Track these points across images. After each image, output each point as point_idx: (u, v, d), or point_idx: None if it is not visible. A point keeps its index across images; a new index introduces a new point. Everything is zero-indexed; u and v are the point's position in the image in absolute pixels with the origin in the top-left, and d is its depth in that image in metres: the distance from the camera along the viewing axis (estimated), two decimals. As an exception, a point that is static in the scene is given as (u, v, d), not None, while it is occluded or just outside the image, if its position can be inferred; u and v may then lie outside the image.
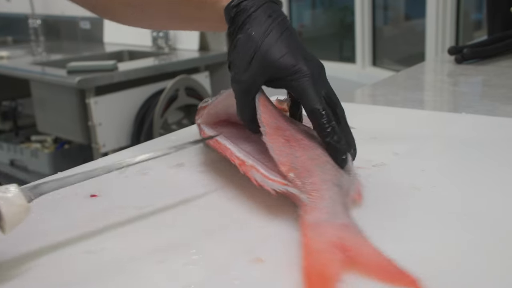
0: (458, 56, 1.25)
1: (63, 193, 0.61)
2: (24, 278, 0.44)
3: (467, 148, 0.68)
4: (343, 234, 0.45)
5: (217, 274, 0.43)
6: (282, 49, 0.56)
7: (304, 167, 0.52)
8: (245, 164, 0.56)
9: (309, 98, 0.55)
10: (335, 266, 0.42)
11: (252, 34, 0.57)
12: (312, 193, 0.49)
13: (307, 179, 0.51)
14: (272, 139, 0.55)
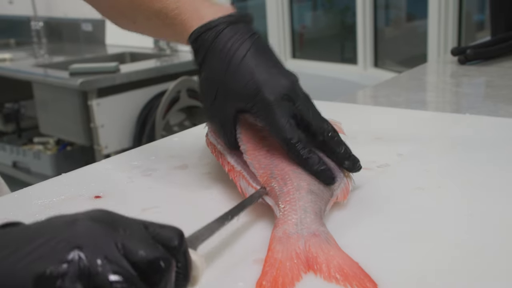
0: (461, 57, 1.24)
1: (68, 194, 0.61)
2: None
3: (471, 148, 0.68)
4: (309, 243, 0.45)
5: (221, 275, 0.43)
6: (242, 79, 0.54)
7: (282, 175, 0.53)
8: (234, 170, 0.57)
9: (276, 128, 0.53)
10: (292, 275, 0.42)
11: (212, 71, 0.55)
12: (284, 205, 0.49)
13: (283, 188, 0.51)
14: (252, 155, 0.56)
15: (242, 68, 0.54)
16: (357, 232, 0.49)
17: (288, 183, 0.52)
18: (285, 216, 0.48)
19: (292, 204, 0.49)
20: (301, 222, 0.47)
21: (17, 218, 0.55)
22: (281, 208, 0.49)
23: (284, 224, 0.47)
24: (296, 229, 0.46)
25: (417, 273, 0.42)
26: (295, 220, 0.47)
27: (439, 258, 0.44)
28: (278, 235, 0.46)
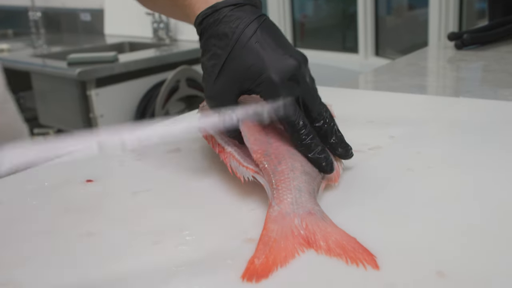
0: (458, 42, 1.24)
1: (59, 178, 0.61)
2: (21, 262, 0.44)
3: (464, 131, 0.68)
4: (305, 221, 0.45)
5: (210, 254, 0.43)
6: (248, 59, 0.52)
7: (276, 153, 0.53)
8: (224, 151, 0.57)
9: (281, 110, 0.52)
10: (285, 253, 0.42)
11: (216, 51, 0.54)
12: (279, 185, 0.49)
13: (277, 167, 0.51)
14: (248, 127, 0.55)
15: (248, 49, 0.53)
16: (349, 212, 0.49)
17: (283, 162, 0.52)
18: (279, 196, 0.48)
19: (286, 183, 0.49)
20: (296, 202, 0.47)
21: (8, 202, 0.56)
22: (275, 187, 0.49)
23: (279, 204, 0.47)
24: (292, 208, 0.47)
25: (410, 249, 0.42)
26: (290, 200, 0.47)
27: (429, 234, 0.44)
28: (273, 214, 0.46)
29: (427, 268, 0.39)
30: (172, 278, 0.40)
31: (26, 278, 0.42)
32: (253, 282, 0.39)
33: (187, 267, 0.42)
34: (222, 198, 0.54)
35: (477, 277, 0.38)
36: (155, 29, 2.99)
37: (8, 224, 0.51)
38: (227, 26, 0.53)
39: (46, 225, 0.50)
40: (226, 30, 0.53)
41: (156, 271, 0.41)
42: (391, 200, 0.51)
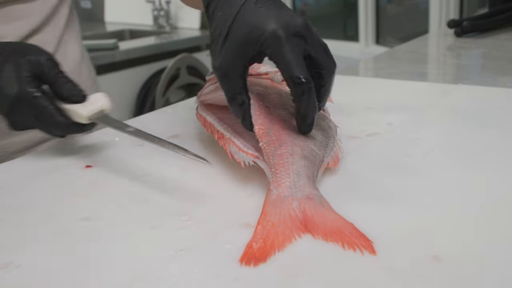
0: (457, 29, 1.24)
1: (59, 163, 0.61)
2: (21, 245, 0.45)
3: (463, 118, 0.68)
4: (303, 205, 0.45)
5: (209, 238, 0.44)
6: (251, 22, 0.52)
7: (277, 135, 0.53)
8: (223, 137, 0.57)
9: (285, 65, 0.51)
10: (283, 237, 0.42)
11: (222, 19, 0.53)
12: (277, 169, 0.49)
13: (277, 150, 0.51)
14: (255, 99, 0.55)
15: (252, 13, 0.52)
16: (347, 197, 0.49)
17: (283, 146, 0.52)
18: (278, 180, 0.48)
19: (285, 167, 0.49)
20: (294, 186, 0.47)
21: (8, 186, 0.56)
22: (274, 171, 0.49)
23: (278, 188, 0.48)
24: (290, 192, 0.47)
25: (407, 234, 0.42)
26: (289, 184, 0.48)
27: (425, 219, 0.44)
28: (272, 198, 0.47)
29: (423, 253, 0.39)
30: (171, 262, 0.41)
31: (25, 261, 0.42)
32: (251, 266, 0.39)
33: (186, 251, 0.42)
34: (221, 183, 0.54)
35: (472, 261, 0.38)
36: (156, 17, 2.98)
37: (8, 209, 0.52)
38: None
39: (45, 210, 0.51)
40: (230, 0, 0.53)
41: (155, 255, 0.42)
42: (388, 186, 0.51)
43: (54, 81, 0.59)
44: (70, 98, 0.60)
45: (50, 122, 0.58)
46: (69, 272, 0.41)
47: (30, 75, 0.58)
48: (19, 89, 0.57)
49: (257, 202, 0.49)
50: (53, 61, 0.60)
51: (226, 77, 0.53)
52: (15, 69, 0.57)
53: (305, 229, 0.44)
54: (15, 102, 0.57)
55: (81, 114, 0.59)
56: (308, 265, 0.39)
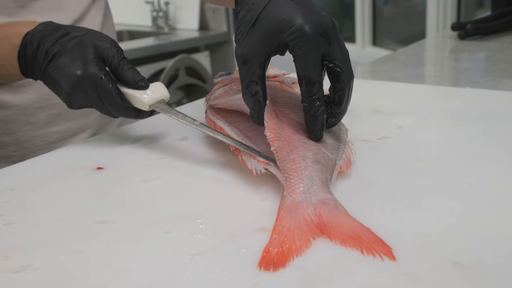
0: (461, 32, 1.24)
1: (69, 166, 0.61)
2: (38, 247, 0.45)
3: (471, 121, 0.68)
4: (319, 210, 0.45)
5: (224, 243, 0.44)
6: (281, 12, 0.51)
7: (288, 140, 0.53)
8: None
9: (303, 62, 0.51)
10: (300, 242, 0.42)
11: (251, 8, 0.53)
12: (290, 174, 0.49)
13: (289, 155, 0.51)
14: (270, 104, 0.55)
15: (282, 3, 0.52)
16: (362, 201, 0.49)
17: (294, 151, 0.52)
18: (291, 185, 0.48)
19: (298, 172, 0.49)
20: (308, 190, 0.47)
21: (18, 187, 0.56)
22: (287, 177, 0.49)
23: (292, 193, 0.47)
24: (304, 197, 0.47)
25: (422, 238, 0.42)
26: (302, 189, 0.48)
27: (443, 224, 0.44)
28: (286, 204, 0.47)
29: (444, 259, 0.39)
30: (187, 267, 0.40)
31: (43, 264, 0.42)
32: (270, 270, 0.39)
33: (202, 256, 0.42)
34: (233, 186, 0.54)
35: (495, 268, 0.38)
36: (154, 18, 2.97)
37: (22, 210, 0.51)
38: None
39: (59, 212, 0.51)
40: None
41: (171, 259, 0.42)
42: (403, 190, 0.51)
43: (118, 66, 0.62)
44: (134, 84, 0.62)
45: (112, 104, 0.61)
46: (85, 275, 0.40)
47: (97, 57, 0.60)
48: (85, 69, 0.59)
49: (271, 205, 0.49)
50: (118, 47, 0.63)
51: (247, 63, 0.53)
52: (81, 50, 0.60)
53: (321, 233, 0.43)
54: (79, 81, 0.60)
55: (144, 101, 0.62)
56: (328, 271, 0.39)
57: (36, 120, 0.78)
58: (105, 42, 0.61)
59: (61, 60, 0.60)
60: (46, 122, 0.79)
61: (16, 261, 0.42)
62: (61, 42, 0.60)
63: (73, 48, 0.60)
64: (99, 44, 0.61)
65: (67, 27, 0.62)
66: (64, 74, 0.60)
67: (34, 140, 0.79)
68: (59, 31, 0.61)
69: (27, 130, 0.79)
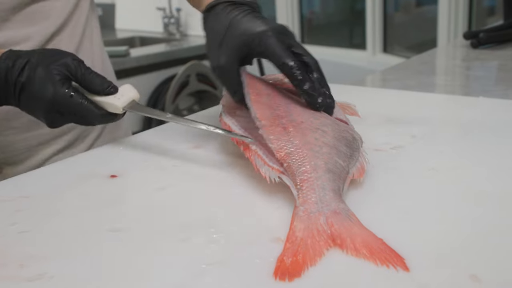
0: (474, 40, 1.24)
1: (84, 173, 0.61)
2: (52, 256, 0.45)
3: (485, 130, 0.68)
4: (331, 220, 0.45)
5: (238, 252, 0.44)
6: (244, 26, 0.62)
7: (299, 153, 0.53)
8: (249, 148, 0.57)
9: (276, 54, 0.60)
10: (313, 252, 0.42)
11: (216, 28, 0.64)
12: (302, 185, 0.50)
13: (300, 167, 0.51)
14: (269, 130, 0.56)
15: (243, 22, 0.62)
16: (374, 211, 0.49)
17: (306, 162, 0.52)
18: (304, 196, 0.48)
19: (310, 183, 0.49)
20: (320, 201, 0.47)
21: (33, 195, 0.56)
22: (299, 188, 0.49)
23: (304, 204, 0.48)
24: (316, 208, 0.47)
25: (438, 249, 0.42)
26: (315, 199, 0.48)
27: (458, 235, 0.44)
28: (299, 214, 0.47)
29: (460, 271, 0.39)
30: (201, 276, 0.41)
31: (58, 272, 0.42)
32: (285, 280, 0.39)
33: (216, 266, 0.42)
34: (247, 195, 0.54)
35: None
36: (166, 24, 2.99)
37: (37, 218, 0.52)
38: (226, 11, 0.64)
39: (74, 220, 0.51)
40: (225, 13, 0.64)
41: (185, 269, 0.42)
42: (416, 200, 0.51)
43: (84, 77, 0.63)
44: (104, 91, 0.64)
45: (88, 115, 0.63)
46: (100, 284, 0.41)
47: (62, 77, 0.61)
48: (54, 92, 0.61)
49: (285, 214, 0.49)
50: (78, 60, 0.64)
51: (224, 75, 0.63)
52: (46, 72, 0.61)
53: (334, 243, 0.43)
54: (51, 104, 0.61)
55: (116, 105, 0.64)
56: (342, 282, 0.39)
57: (17, 124, 0.79)
58: (65, 59, 0.63)
59: (30, 89, 0.61)
60: (28, 126, 0.80)
61: (31, 270, 0.43)
62: (25, 71, 0.61)
63: (38, 74, 0.61)
64: (60, 62, 0.62)
65: (27, 53, 0.63)
66: (35, 102, 0.62)
67: (16, 144, 0.80)
68: (20, 59, 0.62)
69: (9, 134, 0.79)
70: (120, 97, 0.64)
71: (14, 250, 0.46)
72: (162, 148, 0.68)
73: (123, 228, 0.49)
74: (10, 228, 0.50)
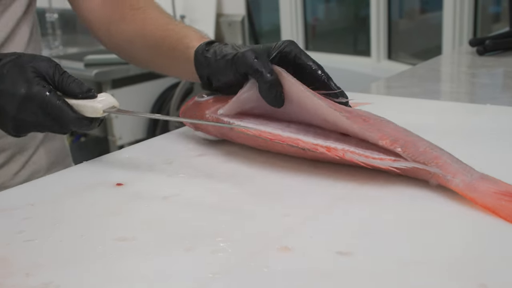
0: (480, 47, 1.23)
1: (89, 182, 0.61)
2: (59, 265, 0.45)
3: (494, 138, 0.68)
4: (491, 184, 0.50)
5: (246, 261, 0.43)
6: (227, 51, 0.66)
7: (402, 138, 0.55)
8: (336, 149, 0.57)
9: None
10: None
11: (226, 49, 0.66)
12: (438, 161, 0.53)
13: (418, 149, 0.54)
14: (353, 119, 0.57)
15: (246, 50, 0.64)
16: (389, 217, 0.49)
17: (417, 143, 0.55)
18: (447, 170, 0.52)
19: (441, 159, 0.53)
20: (465, 170, 0.52)
21: (39, 204, 0.56)
22: (435, 164, 0.52)
23: (456, 176, 0.51)
24: (469, 177, 0.51)
25: (448, 259, 0.41)
26: (462, 170, 0.52)
27: (470, 244, 0.44)
28: (460, 186, 0.51)
29: (470, 280, 0.39)
30: (209, 285, 0.40)
31: (64, 281, 0.42)
32: None
33: (223, 275, 0.41)
34: (253, 203, 0.54)
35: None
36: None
37: (42, 227, 0.51)
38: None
39: (79, 229, 0.50)
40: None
41: (192, 278, 0.41)
42: (426, 210, 0.50)
43: (61, 80, 0.61)
44: (83, 94, 0.61)
45: (63, 117, 0.60)
46: (107, 294, 0.40)
47: (37, 75, 0.59)
48: (28, 89, 0.58)
49: (293, 222, 0.49)
50: (55, 63, 0.62)
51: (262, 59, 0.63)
52: (20, 71, 0.59)
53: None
54: (24, 101, 0.58)
55: (96, 107, 0.61)
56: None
57: None
58: (42, 61, 0.61)
59: (0, 86, 0.59)
60: None
61: (37, 278, 0.42)
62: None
63: (11, 71, 0.59)
64: (36, 63, 0.60)
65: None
66: (7, 98, 0.59)
67: None
68: None
69: None
70: (101, 101, 0.62)
71: (20, 259, 0.46)
72: (167, 156, 0.68)
73: (128, 237, 0.48)
74: (17, 236, 0.50)
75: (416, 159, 0.54)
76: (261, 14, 3.60)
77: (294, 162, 0.62)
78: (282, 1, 3.09)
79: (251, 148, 0.66)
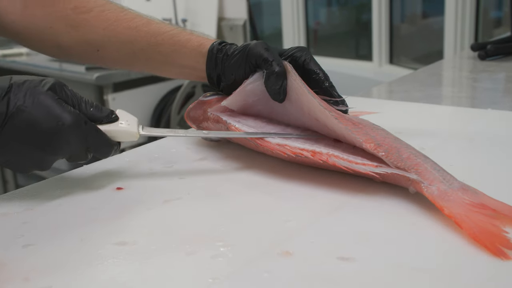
0: (481, 52, 1.23)
1: (89, 186, 0.61)
2: (58, 270, 0.44)
3: (495, 143, 0.67)
4: (468, 195, 0.49)
5: (246, 266, 0.43)
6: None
7: (387, 143, 0.55)
8: (321, 153, 0.57)
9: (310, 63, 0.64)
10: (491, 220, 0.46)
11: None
12: (417, 168, 0.52)
13: (402, 155, 0.53)
14: (344, 122, 0.57)
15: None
16: (388, 225, 0.49)
17: (401, 149, 0.54)
18: (425, 177, 0.51)
19: (422, 166, 0.52)
20: (444, 179, 0.51)
21: (40, 208, 0.56)
22: (414, 171, 0.52)
23: (433, 183, 0.50)
24: (447, 185, 0.50)
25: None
26: (440, 178, 0.51)
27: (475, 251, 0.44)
28: (434, 194, 0.49)
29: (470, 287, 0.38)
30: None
31: (62, 285, 0.42)
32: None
33: (223, 280, 0.41)
34: (254, 208, 0.54)
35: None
36: (171, 35, 2.99)
37: (41, 232, 0.51)
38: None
39: (79, 233, 0.50)
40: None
41: (192, 283, 0.41)
42: (427, 212, 0.50)
43: (79, 103, 0.55)
44: (108, 118, 0.57)
45: (102, 145, 0.56)
46: (106, 299, 0.40)
47: (65, 102, 0.53)
48: (66, 118, 0.52)
49: (294, 227, 0.49)
50: (66, 85, 0.56)
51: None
52: (44, 99, 0.51)
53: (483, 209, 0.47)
54: (63, 133, 0.52)
55: (132, 132, 0.57)
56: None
57: None
58: (55, 82, 0.54)
59: (24, 119, 0.50)
60: None
61: (36, 283, 0.42)
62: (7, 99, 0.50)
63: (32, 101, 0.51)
64: (52, 88, 0.53)
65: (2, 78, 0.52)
66: (38, 133, 0.51)
67: None
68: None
69: None
70: (124, 123, 0.57)
71: (19, 263, 0.45)
72: (168, 160, 0.68)
73: (129, 241, 0.48)
74: (16, 241, 0.49)
75: (397, 165, 0.53)
76: (263, 18, 3.61)
77: (295, 166, 0.62)
78: (284, 5, 3.09)
79: (251, 152, 0.66)
